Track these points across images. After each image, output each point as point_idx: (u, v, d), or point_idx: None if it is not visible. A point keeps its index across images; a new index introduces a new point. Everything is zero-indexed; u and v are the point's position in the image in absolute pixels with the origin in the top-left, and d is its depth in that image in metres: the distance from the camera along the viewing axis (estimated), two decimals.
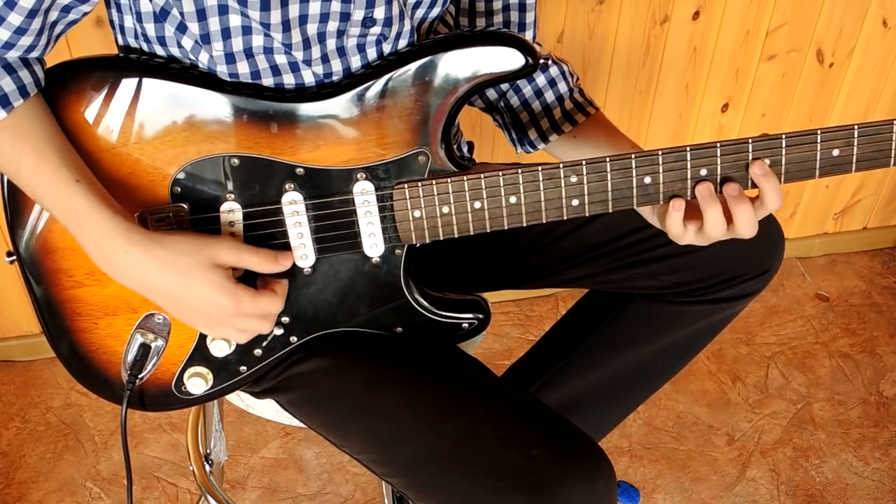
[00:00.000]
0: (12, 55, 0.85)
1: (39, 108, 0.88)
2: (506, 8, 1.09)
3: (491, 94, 1.14)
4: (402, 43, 0.95)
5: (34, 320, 1.91)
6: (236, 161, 0.92)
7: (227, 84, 0.91)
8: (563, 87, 1.11)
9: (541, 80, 1.11)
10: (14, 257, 0.96)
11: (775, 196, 0.93)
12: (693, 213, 0.95)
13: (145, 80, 0.90)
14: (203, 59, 0.90)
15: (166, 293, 0.89)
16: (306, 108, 0.91)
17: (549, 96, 1.11)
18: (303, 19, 0.87)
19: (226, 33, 0.87)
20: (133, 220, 0.88)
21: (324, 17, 0.88)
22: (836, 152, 0.92)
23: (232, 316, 0.91)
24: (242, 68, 0.90)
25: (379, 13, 0.90)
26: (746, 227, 0.93)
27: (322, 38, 0.90)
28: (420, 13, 0.97)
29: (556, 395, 1.22)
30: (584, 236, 1.16)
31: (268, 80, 0.91)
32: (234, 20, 0.86)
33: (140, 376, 0.99)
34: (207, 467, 1.35)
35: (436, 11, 0.99)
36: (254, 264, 0.91)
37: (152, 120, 0.90)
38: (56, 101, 0.90)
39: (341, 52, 0.92)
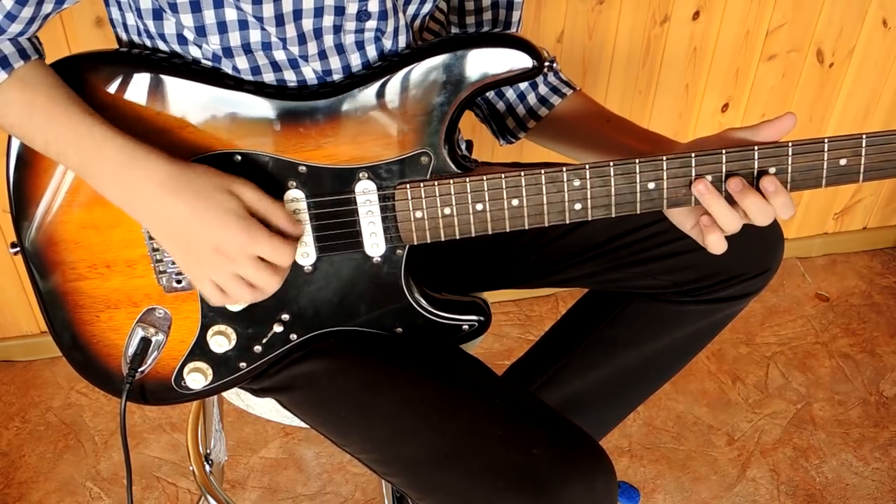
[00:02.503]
0: (2, 38, 0.86)
1: (43, 66, 0.89)
2: (494, 5, 1.09)
3: None
4: (401, 39, 0.95)
5: (34, 320, 1.91)
6: (239, 158, 0.92)
7: (230, 80, 0.91)
8: None
9: None
10: (18, 249, 0.96)
11: (787, 211, 0.91)
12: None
13: (149, 76, 0.90)
14: (207, 53, 0.90)
15: (180, 217, 0.86)
16: (310, 106, 0.91)
17: (523, 83, 1.11)
18: (297, 14, 0.87)
19: (222, 27, 0.87)
20: (151, 146, 0.87)
21: (318, 12, 0.88)
22: (843, 161, 0.91)
23: (240, 249, 0.87)
24: (241, 63, 0.90)
25: (373, 6, 0.90)
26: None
27: (318, 33, 0.90)
28: (412, 9, 0.97)
29: (556, 395, 1.22)
30: (583, 235, 1.15)
31: (268, 76, 0.92)
32: (230, 14, 0.87)
33: (140, 370, 1.00)
34: (207, 467, 1.35)
35: (427, 8, 0.99)
36: (270, 212, 0.88)
37: (155, 116, 0.90)
38: None
39: (339, 48, 0.92)
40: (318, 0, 0.87)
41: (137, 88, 0.90)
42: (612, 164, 0.92)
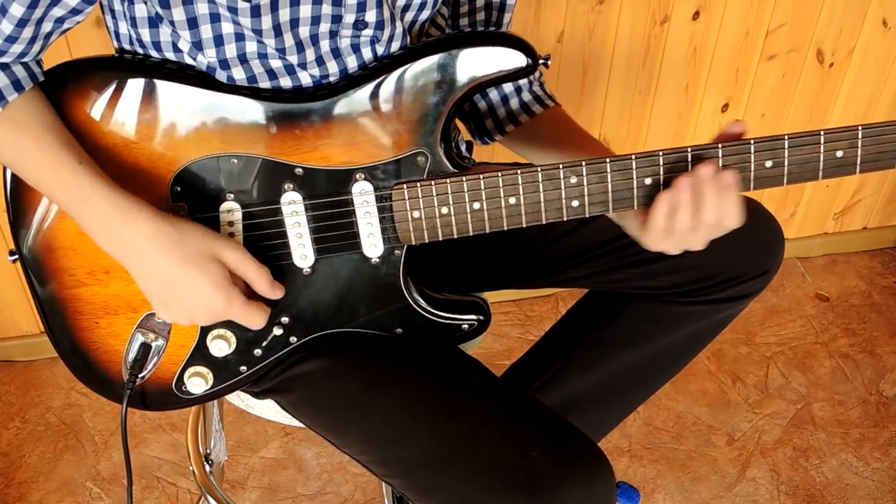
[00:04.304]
0: (3, 61, 0.86)
1: (37, 101, 0.88)
2: (487, 6, 1.09)
3: None
4: (395, 46, 0.95)
5: (34, 320, 1.91)
6: (236, 161, 0.92)
7: (225, 84, 0.91)
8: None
9: None
10: (16, 256, 0.96)
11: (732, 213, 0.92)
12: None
13: (145, 81, 0.90)
14: (202, 63, 0.90)
15: (163, 275, 0.88)
16: (305, 109, 0.91)
17: (507, 86, 1.11)
18: (294, 23, 0.87)
19: (218, 40, 0.87)
20: (140, 198, 0.88)
21: (315, 20, 0.88)
22: (839, 154, 0.91)
23: (217, 314, 0.91)
24: (238, 74, 0.90)
25: (370, 16, 0.90)
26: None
27: (315, 40, 0.90)
28: (410, 16, 0.97)
29: (556, 395, 1.22)
30: (583, 236, 1.15)
31: (265, 84, 0.91)
32: (227, 27, 0.86)
33: (140, 375, 0.99)
34: (207, 467, 1.35)
35: (425, 14, 0.99)
36: (252, 276, 0.92)
37: (152, 120, 0.90)
38: (56, 102, 0.90)
39: (336, 53, 0.92)
40: (315, 9, 0.87)
41: (133, 93, 0.90)
42: (608, 160, 0.92)
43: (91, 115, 0.90)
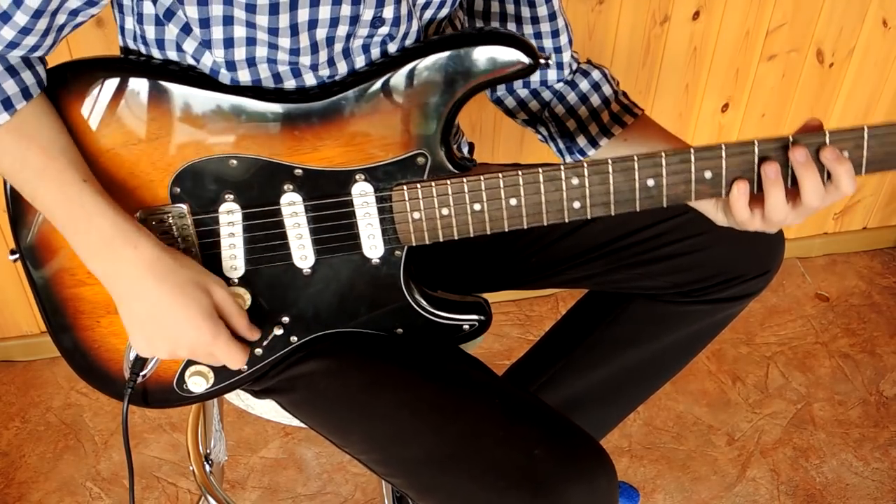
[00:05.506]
0: (15, 54, 0.85)
1: (44, 109, 0.88)
2: (537, 35, 1.09)
3: (534, 105, 1.13)
4: (409, 43, 0.94)
5: (34, 320, 1.91)
6: (235, 162, 0.92)
7: (226, 85, 0.90)
8: (607, 89, 1.11)
9: (584, 85, 1.10)
10: (17, 255, 0.96)
11: (849, 181, 0.91)
12: (757, 198, 0.93)
13: (144, 81, 0.90)
14: (206, 63, 0.90)
15: (154, 301, 0.89)
16: (305, 110, 0.91)
17: (595, 100, 1.10)
18: (312, 24, 0.87)
19: (228, 42, 0.87)
20: (139, 225, 0.89)
21: (333, 22, 0.88)
22: (845, 154, 0.91)
23: (202, 346, 0.91)
24: (244, 76, 0.90)
25: (388, 12, 0.90)
26: (815, 197, 0.91)
27: (330, 42, 0.90)
28: (429, 14, 0.97)
29: (556, 395, 1.22)
30: (584, 237, 1.15)
31: (268, 86, 0.91)
32: (239, 31, 0.86)
33: (142, 374, 0.99)
34: (207, 467, 1.35)
35: (444, 12, 0.98)
36: (234, 317, 0.93)
37: (151, 120, 0.90)
38: (57, 102, 0.90)
39: (346, 53, 0.92)
40: (334, 10, 0.86)
41: (133, 94, 0.90)
42: (609, 160, 0.91)
43: (91, 115, 0.90)
